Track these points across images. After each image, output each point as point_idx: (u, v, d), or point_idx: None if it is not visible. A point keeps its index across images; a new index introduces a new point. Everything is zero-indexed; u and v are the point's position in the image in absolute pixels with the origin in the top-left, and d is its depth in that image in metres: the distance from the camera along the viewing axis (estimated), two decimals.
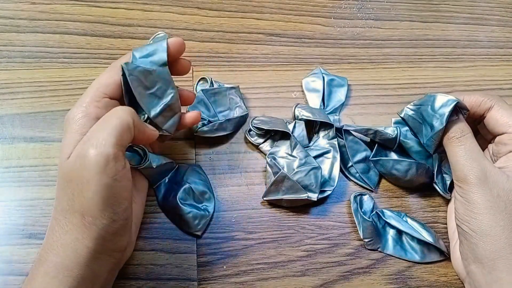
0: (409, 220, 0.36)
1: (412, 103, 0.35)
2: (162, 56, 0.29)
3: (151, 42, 0.31)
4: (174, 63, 0.31)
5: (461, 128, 0.32)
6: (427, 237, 0.35)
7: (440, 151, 0.36)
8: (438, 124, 0.32)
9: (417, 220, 0.36)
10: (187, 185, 0.35)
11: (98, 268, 0.26)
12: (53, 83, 0.39)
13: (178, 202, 0.34)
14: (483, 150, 0.34)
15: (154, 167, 0.32)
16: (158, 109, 0.30)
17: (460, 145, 0.32)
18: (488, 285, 0.30)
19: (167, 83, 0.30)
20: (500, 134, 0.33)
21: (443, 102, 0.32)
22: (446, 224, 0.37)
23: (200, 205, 0.35)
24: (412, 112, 0.35)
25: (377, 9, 0.48)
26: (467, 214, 0.31)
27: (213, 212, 0.35)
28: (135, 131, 0.26)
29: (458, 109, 0.33)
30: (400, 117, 0.36)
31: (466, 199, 0.31)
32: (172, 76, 0.30)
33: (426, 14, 0.49)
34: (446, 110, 0.32)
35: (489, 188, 0.30)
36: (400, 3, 0.49)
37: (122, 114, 0.26)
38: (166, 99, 0.30)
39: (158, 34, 0.32)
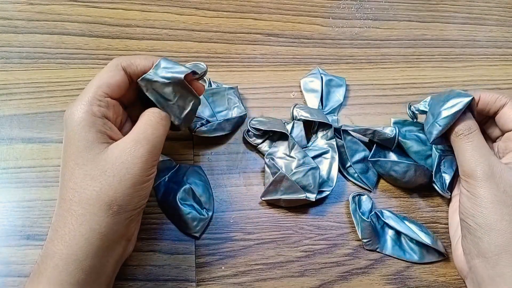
0: (406, 223, 0.36)
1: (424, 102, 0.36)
2: (180, 72, 0.29)
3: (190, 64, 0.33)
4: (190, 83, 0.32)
5: (469, 125, 0.33)
6: (425, 239, 0.35)
7: (440, 151, 0.36)
8: (447, 113, 0.32)
9: (415, 222, 0.36)
10: (187, 186, 0.35)
11: (106, 258, 0.27)
12: (51, 84, 0.39)
13: (178, 202, 0.34)
14: None
15: None
16: (181, 116, 0.31)
17: (468, 141, 0.32)
18: (491, 279, 0.30)
19: (185, 93, 0.30)
20: (510, 131, 0.34)
21: (456, 94, 0.33)
22: (445, 224, 0.37)
23: (199, 207, 0.35)
24: (426, 107, 0.36)
25: (376, 9, 0.48)
26: (473, 208, 0.31)
27: (212, 214, 0.35)
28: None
29: (469, 107, 0.33)
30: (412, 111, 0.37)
31: (472, 193, 0.31)
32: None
33: (425, 14, 0.49)
34: (461, 102, 0.32)
35: (495, 183, 0.31)
36: (398, 3, 0.49)
37: (164, 120, 0.29)
38: (188, 108, 0.31)
39: (200, 64, 0.33)
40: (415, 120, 0.38)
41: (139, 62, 0.29)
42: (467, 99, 0.32)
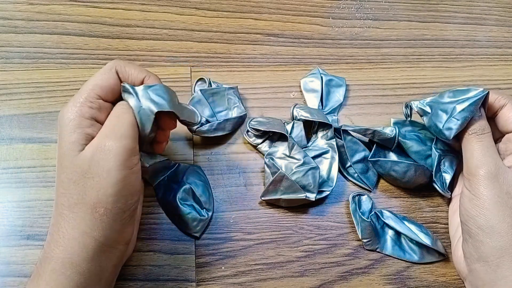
0: (406, 223, 0.36)
1: (423, 100, 0.36)
2: (158, 107, 0.28)
3: (184, 104, 0.32)
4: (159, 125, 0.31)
5: (483, 126, 0.32)
6: (424, 239, 0.35)
7: (440, 150, 0.36)
8: (462, 106, 0.32)
9: (415, 223, 0.36)
10: (187, 186, 0.35)
11: (104, 262, 0.27)
12: (51, 84, 0.39)
13: (178, 202, 0.34)
14: None
15: (147, 165, 0.32)
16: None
17: (479, 141, 0.32)
18: (492, 283, 0.30)
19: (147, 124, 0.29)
20: (510, 132, 0.34)
21: (466, 90, 0.33)
22: (445, 224, 0.37)
23: (199, 207, 0.35)
24: (427, 106, 0.35)
25: (376, 9, 0.48)
26: (474, 209, 0.31)
27: (212, 214, 0.35)
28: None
29: (482, 105, 0.33)
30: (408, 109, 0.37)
31: (474, 193, 0.31)
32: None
33: (425, 14, 0.49)
34: (475, 96, 0.32)
35: (499, 184, 0.30)
36: (398, 3, 0.49)
37: (130, 110, 0.28)
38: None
39: (195, 113, 0.33)
40: (409, 118, 0.38)
41: (132, 72, 0.29)
42: (481, 93, 0.32)
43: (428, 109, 0.35)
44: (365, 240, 0.35)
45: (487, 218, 0.30)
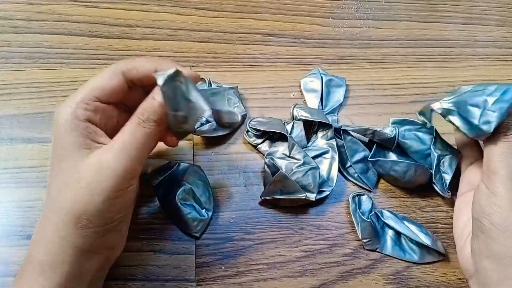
0: (406, 223, 0.36)
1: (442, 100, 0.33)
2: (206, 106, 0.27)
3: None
4: None
5: (509, 126, 0.32)
6: (424, 240, 0.35)
7: (439, 151, 0.36)
8: (495, 98, 0.31)
9: (415, 223, 0.36)
10: (187, 186, 0.35)
11: (86, 265, 0.26)
12: (51, 84, 0.39)
13: (178, 202, 0.34)
14: None
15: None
16: (178, 128, 0.28)
17: (505, 141, 0.31)
18: (500, 281, 0.30)
19: (194, 114, 0.28)
20: None
21: (488, 84, 0.32)
22: (445, 224, 0.37)
23: (199, 207, 0.35)
24: (450, 104, 0.32)
25: (376, 9, 0.48)
26: (490, 206, 0.30)
27: (212, 214, 0.35)
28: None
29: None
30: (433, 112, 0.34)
31: (492, 190, 0.31)
32: None
33: (425, 14, 0.49)
34: (507, 91, 0.31)
35: None
36: (398, 3, 0.49)
37: (149, 126, 0.26)
38: (185, 127, 0.28)
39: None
40: (429, 125, 0.36)
41: (141, 65, 0.28)
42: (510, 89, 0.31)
43: (453, 108, 0.32)
44: (365, 240, 0.35)
45: (503, 216, 0.30)
